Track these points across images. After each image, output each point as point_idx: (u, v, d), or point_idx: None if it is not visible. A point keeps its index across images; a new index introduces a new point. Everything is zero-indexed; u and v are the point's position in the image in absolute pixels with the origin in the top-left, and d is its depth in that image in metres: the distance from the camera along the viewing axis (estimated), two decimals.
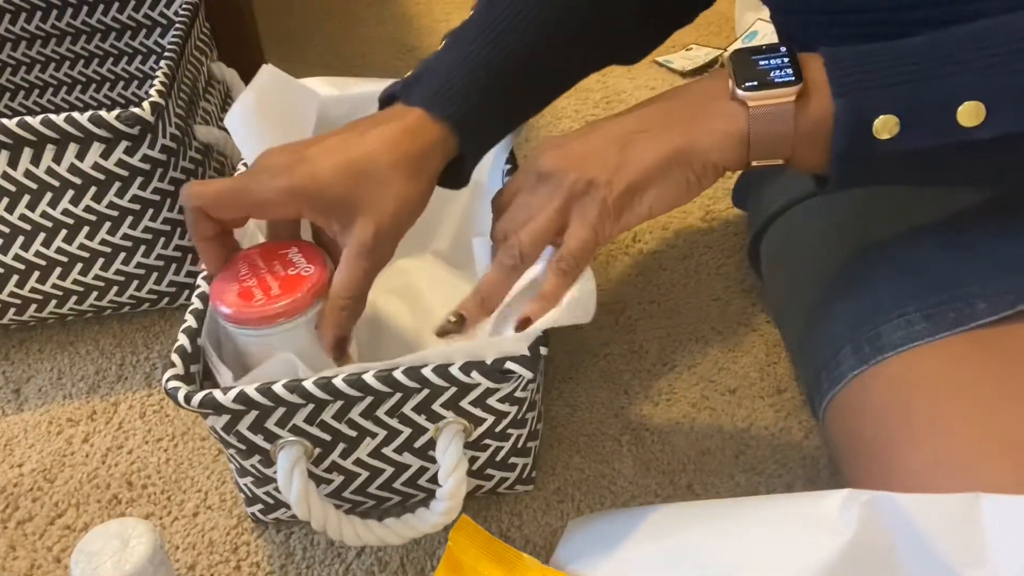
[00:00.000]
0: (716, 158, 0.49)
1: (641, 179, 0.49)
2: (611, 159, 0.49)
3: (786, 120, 0.47)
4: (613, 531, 0.53)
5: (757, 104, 0.47)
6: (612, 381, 0.71)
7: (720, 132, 0.48)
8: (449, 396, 0.53)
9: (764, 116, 0.47)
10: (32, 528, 0.63)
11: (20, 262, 0.73)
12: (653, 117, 0.51)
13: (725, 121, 0.48)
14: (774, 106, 0.47)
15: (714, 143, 0.48)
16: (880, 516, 0.44)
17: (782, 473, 0.63)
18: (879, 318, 0.54)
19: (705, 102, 0.50)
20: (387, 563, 0.58)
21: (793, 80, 0.47)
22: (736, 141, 0.48)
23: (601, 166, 0.49)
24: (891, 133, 0.46)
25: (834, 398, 0.55)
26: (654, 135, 0.50)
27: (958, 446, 0.47)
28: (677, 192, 0.50)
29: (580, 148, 0.51)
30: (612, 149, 0.50)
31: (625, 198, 0.49)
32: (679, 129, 0.49)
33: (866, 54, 0.47)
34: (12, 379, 0.75)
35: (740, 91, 0.48)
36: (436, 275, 0.76)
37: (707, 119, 0.49)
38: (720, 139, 0.48)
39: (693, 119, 0.49)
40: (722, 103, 0.49)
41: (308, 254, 0.56)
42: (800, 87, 0.47)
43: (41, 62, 0.96)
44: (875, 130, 0.46)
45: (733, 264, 0.82)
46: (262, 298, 0.54)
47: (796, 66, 0.47)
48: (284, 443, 0.53)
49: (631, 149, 0.49)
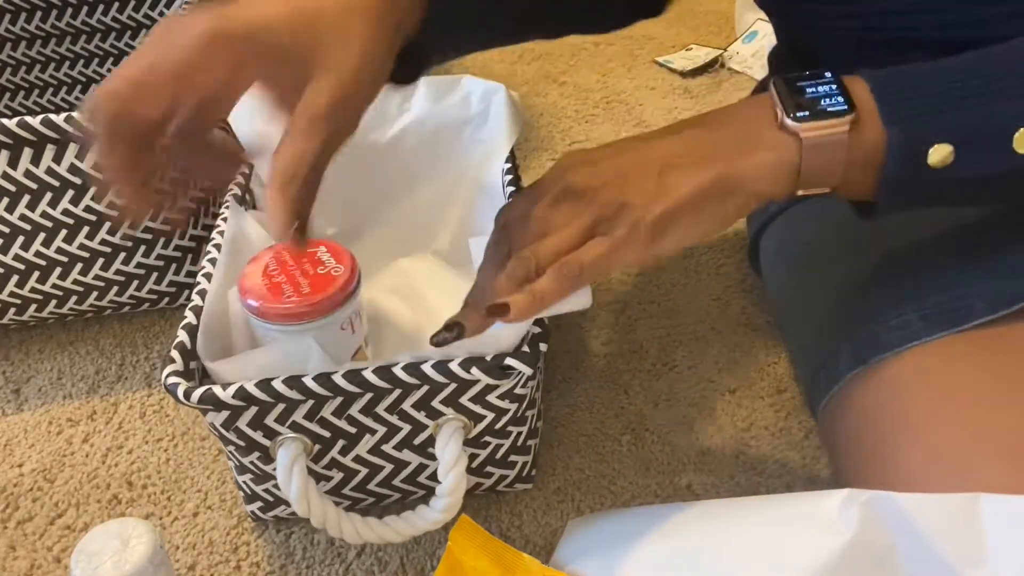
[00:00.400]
0: (763, 189, 0.46)
1: (678, 208, 0.46)
2: (648, 184, 0.46)
3: (839, 150, 0.45)
4: (613, 531, 0.53)
5: (811, 135, 0.45)
6: (612, 381, 0.71)
7: (770, 163, 0.46)
8: (449, 392, 0.53)
9: (817, 147, 0.45)
10: (32, 528, 0.63)
11: (20, 262, 0.73)
12: (694, 143, 0.48)
13: (774, 151, 0.46)
14: (828, 136, 0.45)
15: (763, 174, 0.46)
16: (880, 516, 0.44)
17: (782, 473, 0.63)
18: (877, 318, 0.54)
19: (750, 130, 0.47)
20: (387, 563, 0.58)
21: (846, 109, 0.45)
22: (786, 172, 0.46)
23: (637, 190, 0.46)
24: (945, 162, 0.45)
25: (832, 398, 0.55)
26: (695, 162, 0.46)
27: (955, 446, 0.47)
28: (712, 223, 0.47)
29: (614, 168, 0.47)
30: (649, 173, 0.47)
31: (659, 226, 0.46)
32: (722, 158, 0.46)
33: (913, 77, 0.46)
34: (12, 379, 0.75)
35: (791, 121, 0.45)
36: (436, 275, 0.76)
37: (754, 149, 0.46)
38: (770, 170, 0.46)
39: (738, 148, 0.46)
40: (769, 132, 0.46)
41: (337, 254, 0.58)
42: (854, 116, 0.45)
43: (41, 62, 0.96)
44: (928, 158, 0.45)
45: (733, 264, 0.82)
46: (292, 295, 0.55)
47: (846, 93, 0.46)
48: (283, 439, 0.53)
49: (670, 175, 0.46)
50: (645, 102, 1.10)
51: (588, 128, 1.06)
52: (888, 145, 0.45)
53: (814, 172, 0.46)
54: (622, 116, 1.08)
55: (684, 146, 0.48)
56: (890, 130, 0.45)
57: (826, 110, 0.45)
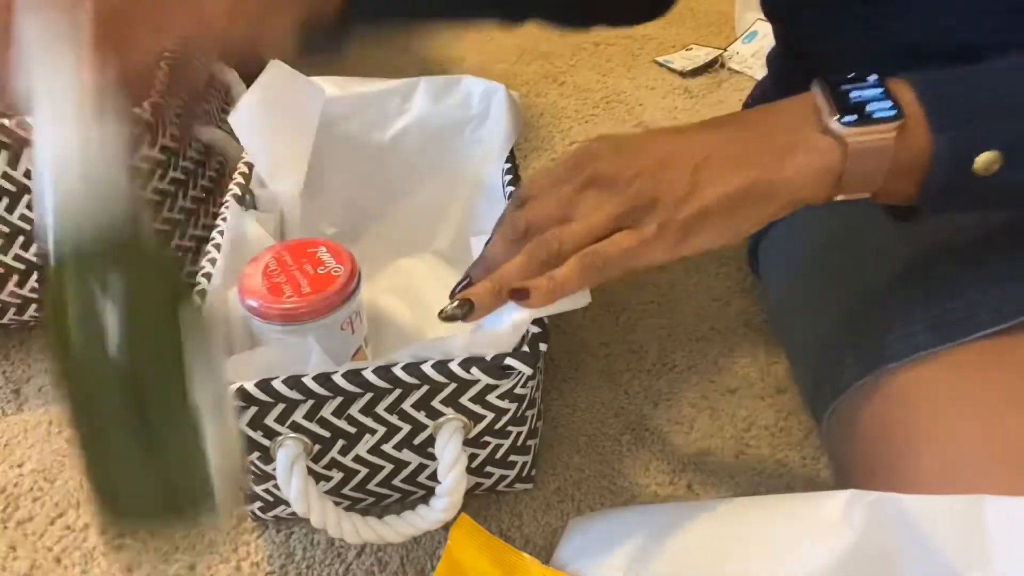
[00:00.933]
0: (805, 194, 0.45)
1: (711, 209, 0.44)
2: (682, 180, 0.44)
3: (885, 156, 0.44)
4: (613, 531, 0.53)
5: (858, 140, 0.44)
6: (612, 381, 0.71)
7: (812, 168, 0.44)
8: (449, 392, 0.53)
9: (863, 152, 0.44)
10: (32, 528, 0.63)
11: (20, 262, 0.73)
12: (732, 141, 0.46)
13: (816, 156, 0.44)
14: (875, 142, 0.44)
15: (805, 179, 0.44)
16: (884, 517, 0.44)
17: (782, 473, 0.63)
18: (883, 328, 0.53)
19: (791, 133, 0.45)
20: (387, 563, 0.58)
21: (896, 115, 0.44)
22: (828, 177, 0.45)
23: (670, 186, 0.44)
24: (990, 169, 0.44)
25: (837, 407, 0.55)
26: (732, 162, 0.45)
27: (962, 457, 0.46)
28: (745, 226, 0.46)
29: (647, 159, 0.46)
30: (684, 169, 0.45)
31: (689, 225, 0.44)
32: (761, 160, 0.45)
33: (958, 82, 0.45)
34: (12, 379, 0.75)
35: (838, 125, 0.44)
36: (436, 274, 0.76)
37: (794, 153, 0.45)
38: (812, 176, 0.44)
39: (778, 151, 0.45)
40: (811, 135, 0.45)
41: (337, 254, 0.57)
42: (903, 122, 0.44)
43: None
44: (975, 165, 0.44)
45: (733, 264, 0.82)
46: (292, 295, 0.55)
47: (894, 98, 0.44)
48: (283, 440, 0.53)
49: (705, 173, 0.45)
50: (645, 102, 1.10)
51: (588, 128, 1.06)
52: (935, 152, 0.44)
53: (857, 177, 0.45)
54: (622, 116, 1.08)
55: (722, 144, 0.46)
56: (938, 137, 0.44)
57: (874, 115, 0.44)
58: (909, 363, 0.51)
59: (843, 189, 0.45)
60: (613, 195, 0.45)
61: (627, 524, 0.52)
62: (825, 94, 0.45)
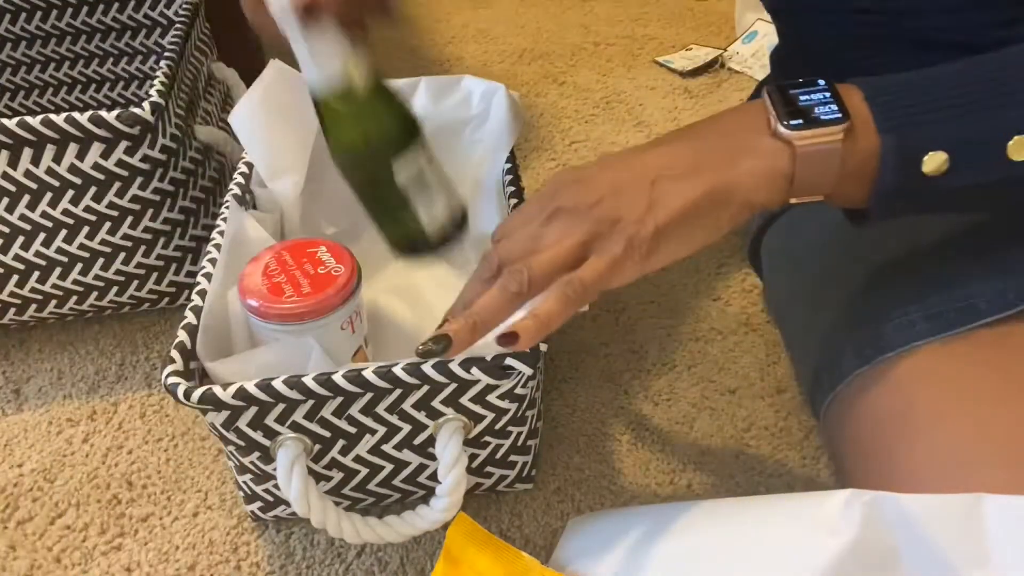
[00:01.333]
0: (756, 198, 0.46)
1: (672, 220, 0.45)
2: (640, 198, 0.46)
3: (833, 158, 0.45)
4: (613, 531, 0.53)
5: (804, 143, 0.44)
6: (612, 381, 0.71)
7: (762, 172, 0.45)
8: (449, 392, 0.53)
9: (811, 155, 0.45)
10: (32, 528, 0.63)
11: (20, 262, 0.73)
12: (684, 153, 0.47)
13: (766, 160, 0.45)
14: (822, 144, 0.44)
15: (757, 183, 0.45)
16: (883, 516, 0.44)
17: (782, 473, 0.63)
18: (881, 318, 0.54)
19: (741, 139, 0.47)
20: (387, 563, 0.58)
21: (840, 117, 0.44)
22: (778, 180, 0.45)
23: (629, 205, 0.46)
24: (940, 170, 0.44)
25: (835, 398, 0.55)
26: (687, 173, 0.46)
27: (959, 446, 0.47)
28: (707, 233, 0.47)
29: (604, 183, 0.47)
30: (641, 187, 0.46)
31: (654, 240, 0.45)
32: (715, 168, 0.46)
33: (907, 84, 0.46)
34: (12, 379, 0.75)
35: (784, 129, 0.45)
36: (436, 274, 0.76)
37: (745, 157, 0.46)
38: (763, 180, 0.45)
39: (730, 158, 0.46)
40: (761, 140, 0.46)
41: (337, 254, 0.57)
42: (848, 124, 0.44)
43: (41, 62, 0.96)
44: (923, 167, 0.44)
45: (733, 264, 0.82)
46: (292, 294, 0.55)
47: (840, 101, 0.45)
48: (283, 440, 0.53)
49: (661, 187, 0.46)
50: (645, 102, 1.10)
51: (588, 128, 1.06)
52: (882, 153, 0.45)
53: (807, 180, 0.46)
54: (622, 116, 1.08)
55: (675, 158, 0.47)
56: (884, 138, 0.44)
57: (820, 118, 0.45)
58: (907, 352, 0.51)
59: (795, 192, 0.46)
60: (577, 223, 0.47)
61: (627, 524, 0.52)
62: (774, 99, 0.46)
